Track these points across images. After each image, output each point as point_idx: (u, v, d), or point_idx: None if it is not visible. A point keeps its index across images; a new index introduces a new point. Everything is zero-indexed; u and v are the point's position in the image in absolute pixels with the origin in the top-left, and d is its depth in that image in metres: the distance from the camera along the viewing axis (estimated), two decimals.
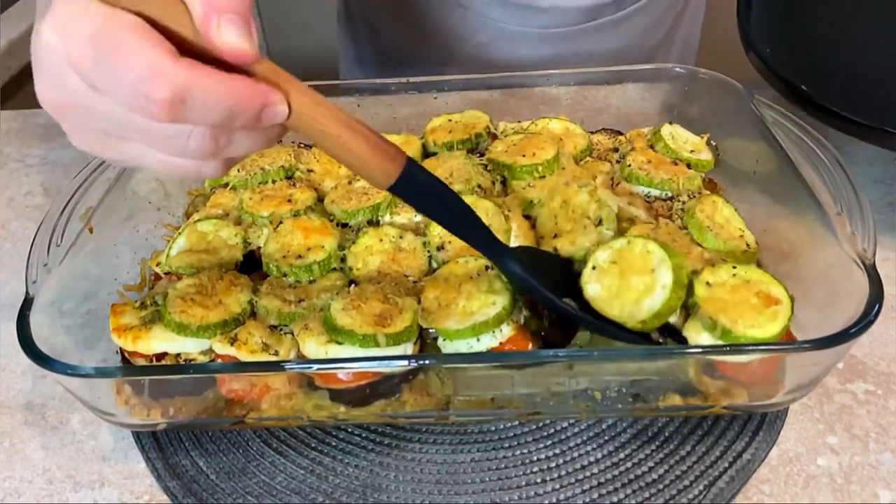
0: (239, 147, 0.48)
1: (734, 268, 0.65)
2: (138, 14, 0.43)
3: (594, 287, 0.65)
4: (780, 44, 0.83)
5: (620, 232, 0.73)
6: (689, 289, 0.64)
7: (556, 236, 0.73)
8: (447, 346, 0.65)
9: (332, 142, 0.50)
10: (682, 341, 0.64)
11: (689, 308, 0.64)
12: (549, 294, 0.64)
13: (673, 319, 0.64)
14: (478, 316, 0.64)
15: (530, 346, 0.66)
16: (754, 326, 0.60)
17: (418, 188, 0.55)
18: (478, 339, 0.64)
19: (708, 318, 0.61)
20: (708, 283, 0.64)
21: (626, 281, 0.64)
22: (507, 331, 0.65)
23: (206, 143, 0.46)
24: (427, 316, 0.66)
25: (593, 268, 0.66)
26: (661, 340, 0.64)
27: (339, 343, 0.64)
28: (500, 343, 0.65)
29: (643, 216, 0.76)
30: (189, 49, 0.44)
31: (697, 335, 0.62)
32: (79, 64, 0.43)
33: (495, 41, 1.14)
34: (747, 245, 0.74)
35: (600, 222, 0.72)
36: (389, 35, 1.24)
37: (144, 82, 0.41)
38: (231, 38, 0.43)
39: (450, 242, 0.75)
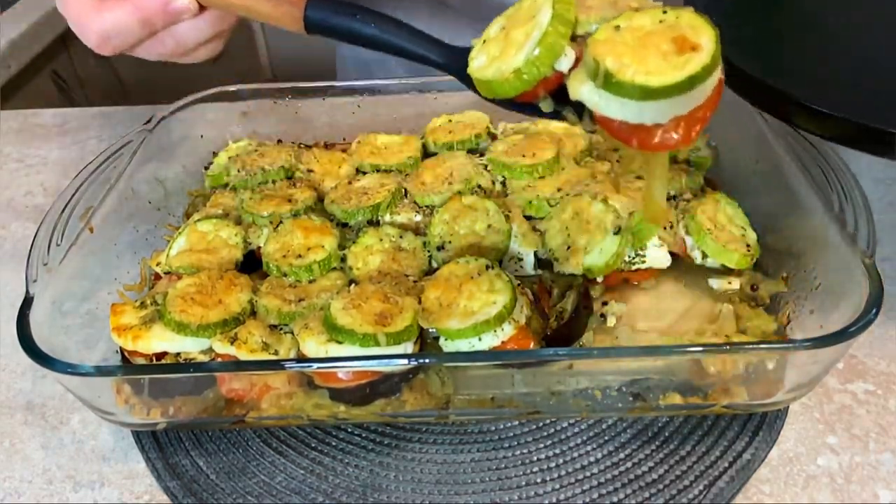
0: (190, 36, 0.62)
1: (664, 12, 0.52)
2: None
3: (478, 61, 0.57)
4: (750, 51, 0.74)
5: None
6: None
7: (568, 248, 0.73)
8: (448, 346, 0.65)
9: (237, 6, 0.59)
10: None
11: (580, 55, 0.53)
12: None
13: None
14: (479, 315, 0.64)
15: (532, 345, 0.66)
16: (649, 73, 0.48)
17: (328, 18, 0.59)
18: (479, 339, 0.64)
19: (592, 60, 0.49)
20: (617, 28, 0.51)
21: (510, 39, 0.55)
22: (508, 330, 0.65)
23: (162, 49, 0.62)
24: (428, 316, 0.65)
25: (484, 41, 0.58)
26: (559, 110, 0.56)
27: (340, 342, 0.64)
28: (502, 342, 0.65)
29: None
30: None
31: (577, 87, 0.51)
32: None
33: None
34: (748, 246, 0.74)
35: (618, 231, 0.71)
36: None
37: (79, 33, 0.60)
38: None
39: (450, 242, 0.75)
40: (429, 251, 0.76)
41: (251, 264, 0.78)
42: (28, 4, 1.64)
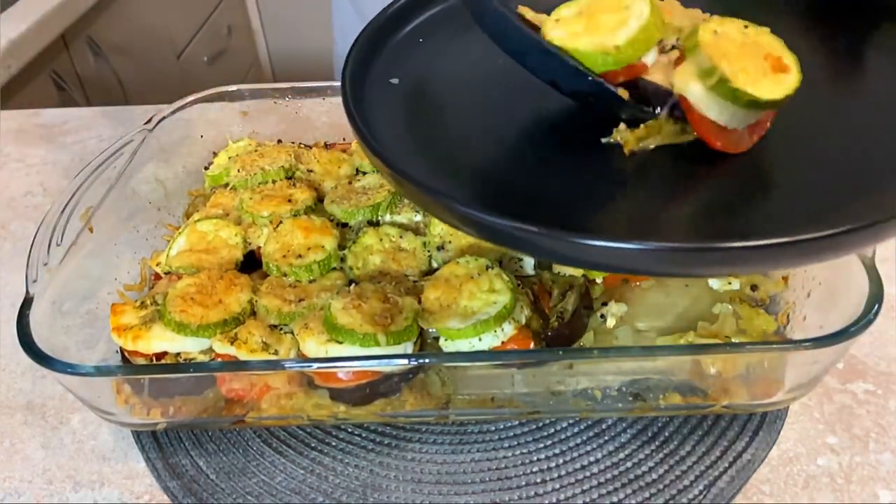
0: None
1: (746, 26, 0.55)
2: None
3: (558, 32, 0.56)
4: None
5: None
6: (692, 33, 0.54)
7: None
8: (449, 346, 0.65)
9: None
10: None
11: (685, 53, 0.54)
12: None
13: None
14: (479, 315, 0.64)
15: (532, 345, 0.66)
16: (756, 85, 0.52)
17: None
18: (479, 339, 0.64)
19: (708, 60, 0.52)
20: (716, 32, 0.54)
21: (595, 22, 0.55)
22: (508, 330, 0.65)
23: None
24: (428, 316, 0.66)
25: (557, 20, 0.57)
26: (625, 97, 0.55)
27: (340, 342, 0.64)
28: (502, 342, 0.65)
29: None
30: None
31: (686, 82, 0.53)
32: None
33: None
34: None
35: None
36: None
37: None
38: None
39: (450, 242, 0.75)
40: (429, 251, 0.76)
41: (251, 264, 0.78)
42: (28, 4, 1.64)
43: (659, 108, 0.55)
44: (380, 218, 0.80)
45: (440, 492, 0.65)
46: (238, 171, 0.86)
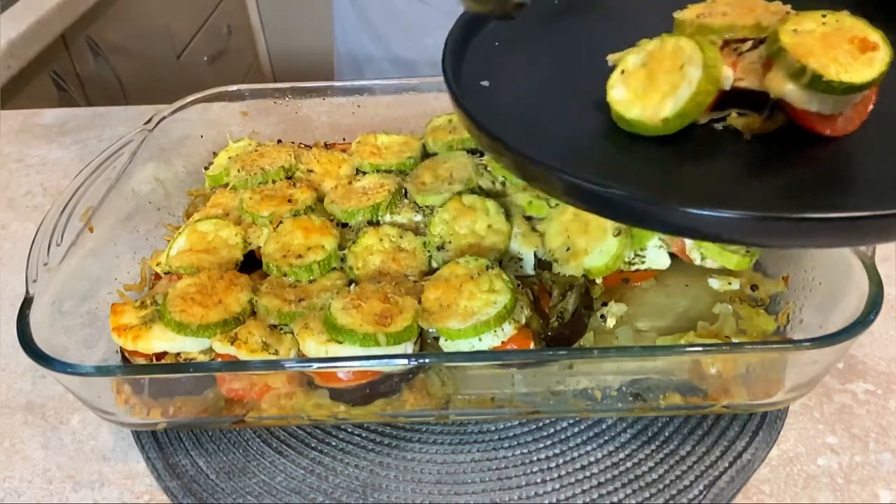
0: None
1: (824, 15, 0.57)
2: None
3: (619, 91, 0.59)
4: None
5: None
6: (774, 38, 0.56)
7: (568, 249, 0.72)
8: (449, 346, 0.65)
9: None
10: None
11: (771, 57, 0.56)
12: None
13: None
14: (479, 315, 0.64)
15: (532, 345, 0.66)
16: (849, 71, 0.53)
17: None
18: (479, 339, 0.64)
19: (796, 62, 0.53)
20: (795, 31, 0.55)
21: (653, 81, 0.58)
22: (508, 330, 0.65)
23: None
24: (428, 317, 0.66)
25: (622, 72, 0.60)
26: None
27: (340, 342, 0.64)
28: (503, 342, 0.65)
29: None
30: None
31: (780, 85, 0.55)
32: None
33: None
34: (746, 249, 0.74)
35: (619, 233, 0.71)
36: (367, 33, 1.25)
37: None
38: None
39: (450, 242, 0.75)
40: (429, 251, 0.76)
41: (251, 264, 0.78)
42: (28, 4, 1.64)
43: (762, 111, 0.57)
44: (380, 218, 0.80)
45: (440, 492, 0.65)
46: (238, 171, 0.86)
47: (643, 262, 0.74)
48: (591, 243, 0.72)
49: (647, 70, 0.58)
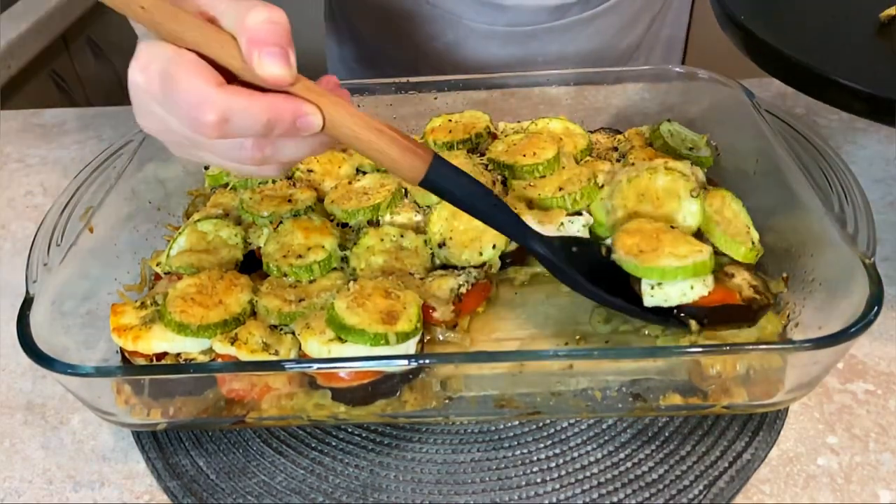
0: (286, 153, 0.57)
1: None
2: (197, 52, 0.52)
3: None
4: (756, 11, 0.79)
5: None
6: None
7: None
8: (657, 294, 0.64)
9: (364, 145, 0.57)
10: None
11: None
12: (575, 276, 0.66)
13: None
14: (693, 257, 0.63)
15: (736, 297, 0.66)
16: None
17: (445, 182, 0.61)
18: (692, 287, 0.63)
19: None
20: None
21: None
22: (711, 282, 0.65)
23: (254, 153, 0.55)
24: (632, 259, 0.64)
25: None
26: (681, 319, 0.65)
27: (344, 341, 0.64)
28: (709, 292, 0.65)
29: None
30: (239, 78, 0.53)
31: None
32: (154, 96, 0.53)
33: (464, 40, 1.15)
34: (752, 243, 0.74)
35: (697, 194, 0.72)
36: (367, 34, 1.25)
37: (195, 108, 0.51)
38: (269, 68, 0.51)
39: (450, 238, 0.75)
40: (430, 249, 0.76)
41: (251, 264, 0.78)
42: (28, 4, 1.64)
43: None
44: (380, 218, 0.80)
45: (440, 492, 0.65)
46: None
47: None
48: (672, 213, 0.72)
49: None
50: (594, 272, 0.68)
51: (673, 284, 0.64)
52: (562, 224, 0.72)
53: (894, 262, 0.83)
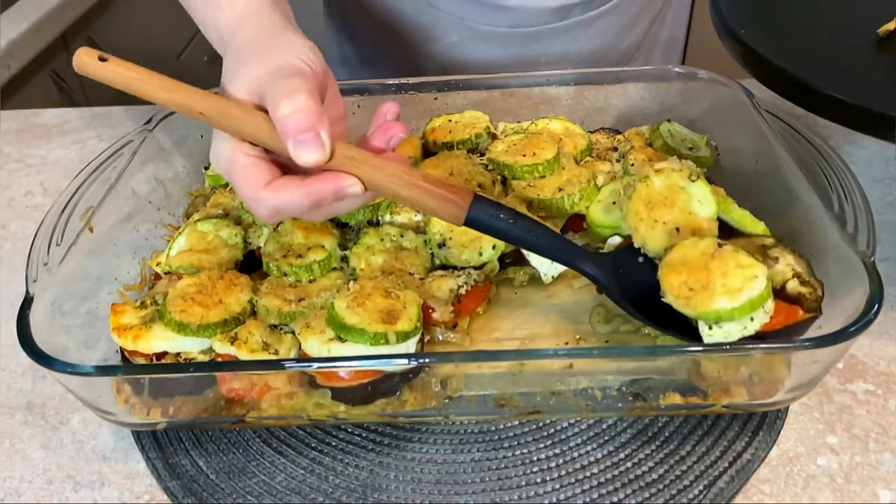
0: (342, 209, 0.63)
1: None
2: (254, 143, 0.59)
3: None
4: (755, 25, 0.79)
5: None
6: None
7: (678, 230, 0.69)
8: (716, 332, 0.60)
9: (406, 202, 0.63)
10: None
11: None
12: (620, 299, 0.66)
13: None
14: (749, 291, 0.59)
15: (799, 314, 0.62)
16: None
17: (486, 221, 0.63)
18: (752, 319, 0.60)
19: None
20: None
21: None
22: (771, 305, 0.61)
23: (314, 217, 0.63)
24: (687, 302, 0.61)
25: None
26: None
27: (344, 341, 0.64)
28: (770, 317, 0.61)
29: None
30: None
31: None
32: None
33: (466, 41, 1.15)
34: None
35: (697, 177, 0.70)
36: (367, 35, 1.25)
37: (250, 204, 0.60)
38: (304, 156, 0.57)
39: (450, 238, 0.75)
40: (430, 249, 0.76)
41: (251, 264, 0.78)
42: (28, 4, 1.64)
43: None
44: (380, 218, 0.80)
45: (440, 492, 0.65)
46: None
47: None
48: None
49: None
50: (650, 290, 0.64)
51: (732, 322, 0.60)
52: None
53: (894, 262, 0.83)
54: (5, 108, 1.38)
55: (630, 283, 0.67)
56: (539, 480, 0.65)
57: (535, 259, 0.75)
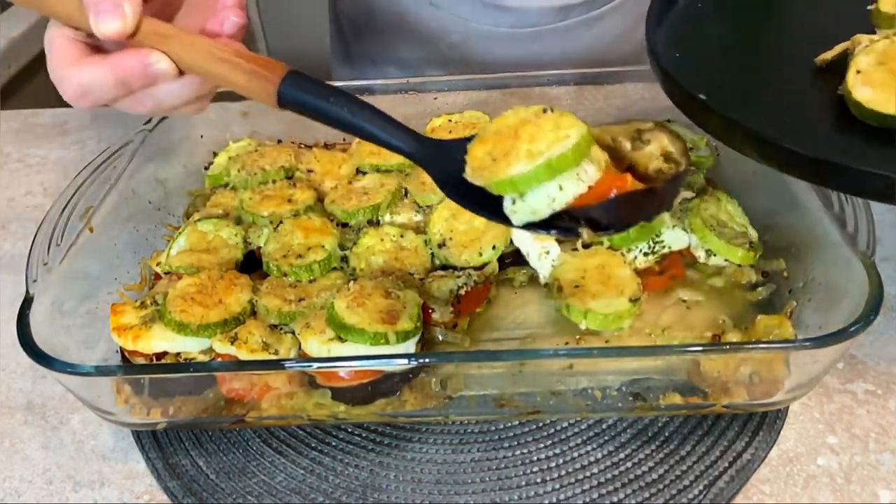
0: (169, 100, 0.59)
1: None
2: (72, 26, 0.56)
3: (864, 91, 0.60)
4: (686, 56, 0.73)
5: None
6: None
7: None
8: (521, 208, 0.51)
9: (217, 79, 0.57)
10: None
11: None
12: (450, 189, 0.56)
13: None
14: (551, 152, 0.49)
15: (629, 182, 0.51)
16: None
17: (302, 99, 0.57)
18: (560, 188, 0.49)
19: None
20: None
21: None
22: (592, 172, 0.50)
23: (138, 107, 0.59)
24: (482, 173, 0.51)
25: (857, 72, 0.60)
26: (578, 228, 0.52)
27: (344, 340, 0.64)
28: (589, 188, 0.50)
29: None
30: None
31: None
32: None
33: (468, 40, 1.15)
34: (750, 244, 0.74)
35: None
36: (370, 34, 1.25)
37: (57, 85, 0.57)
38: (102, 26, 0.54)
39: (450, 238, 0.75)
40: (430, 249, 0.76)
41: (251, 264, 0.78)
42: None
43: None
44: (380, 218, 0.80)
45: (440, 492, 0.65)
46: (238, 171, 0.86)
47: (664, 247, 0.74)
48: None
49: (886, 68, 0.61)
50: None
51: (535, 192, 0.50)
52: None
53: (894, 262, 0.83)
54: (5, 108, 1.38)
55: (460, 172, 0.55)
56: (539, 480, 0.65)
57: (534, 259, 0.75)
